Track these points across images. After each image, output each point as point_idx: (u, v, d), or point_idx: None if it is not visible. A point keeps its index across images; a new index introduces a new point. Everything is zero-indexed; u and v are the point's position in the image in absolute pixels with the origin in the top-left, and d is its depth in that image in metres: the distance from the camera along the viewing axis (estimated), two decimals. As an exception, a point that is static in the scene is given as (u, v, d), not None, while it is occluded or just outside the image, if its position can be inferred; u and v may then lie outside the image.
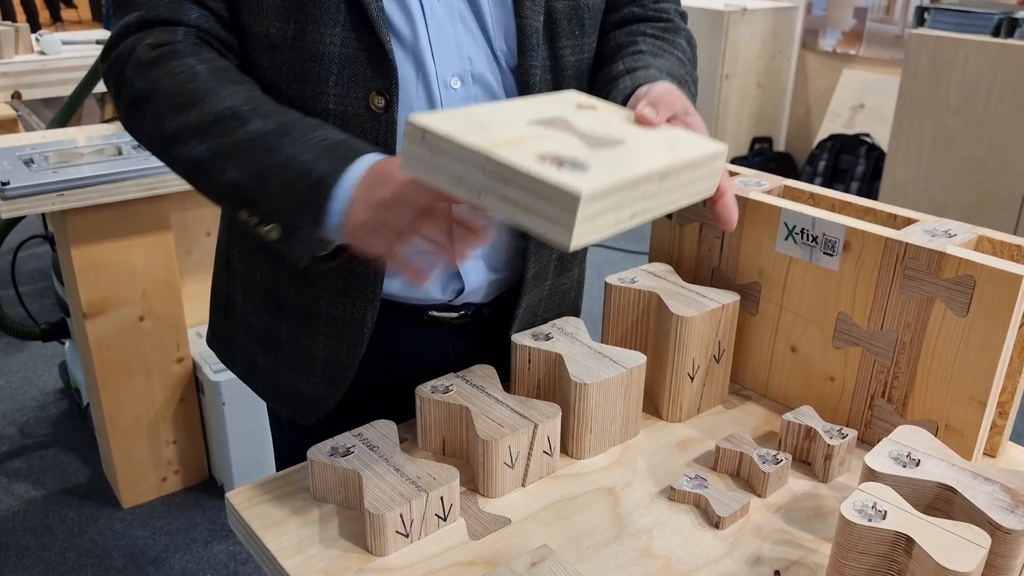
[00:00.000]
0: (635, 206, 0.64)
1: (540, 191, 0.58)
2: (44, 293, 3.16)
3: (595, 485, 0.85)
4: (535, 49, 0.87)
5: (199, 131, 0.77)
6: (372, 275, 0.89)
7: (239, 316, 1.01)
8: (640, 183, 0.63)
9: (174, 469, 2.11)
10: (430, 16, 0.83)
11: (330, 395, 0.96)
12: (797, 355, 0.96)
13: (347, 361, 0.94)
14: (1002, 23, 3.10)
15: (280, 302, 0.95)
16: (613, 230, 0.63)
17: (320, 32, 0.80)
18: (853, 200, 0.97)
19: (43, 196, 1.67)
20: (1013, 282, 0.78)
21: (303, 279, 0.92)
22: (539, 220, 0.59)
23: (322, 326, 0.93)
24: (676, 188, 0.69)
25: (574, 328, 0.95)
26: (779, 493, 0.85)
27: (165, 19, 0.81)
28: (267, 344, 0.98)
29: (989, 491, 0.72)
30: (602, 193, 0.58)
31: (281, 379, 0.98)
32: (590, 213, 0.58)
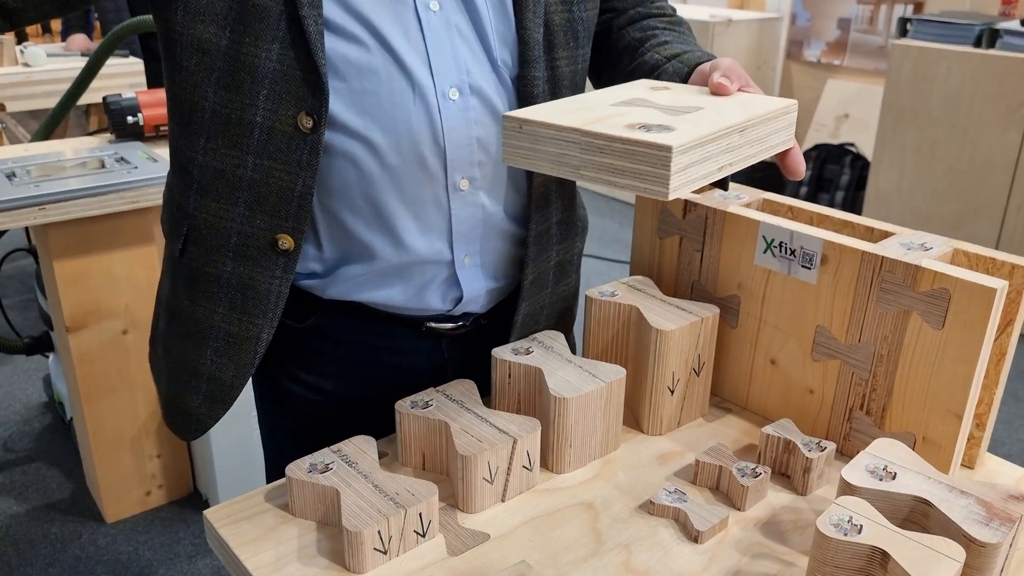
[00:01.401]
0: (721, 159, 0.72)
1: (635, 153, 0.66)
2: (28, 306, 3.14)
3: (575, 500, 0.85)
4: (537, 60, 0.88)
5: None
6: (275, 293, 0.88)
7: (154, 320, 1.01)
8: (723, 137, 0.71)
9: (158, 483, 2.10)
10: (427, 29, 0.84)
11: (210, 415, 0.94)
12: (777, 368, 0.97)
13: (232, 381, 0.91)
14: (983, 34, 3.13)
15: (175, 312, 0.93)
16: (705, 181, 0.71)
17: (257, 45, 0.79)
18: (831, 213, 0.98)
19: (25, 210, 1.66)
20: (987, 295, 0.79)
21: (198, 291, 0.90)
22: (637, 180, 0.67)
23: (211, 341, 0.91)
24: (756, 140, 0.77)
25: (554, 342, 0.95)
26: (758, 506, 0.85)
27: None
28: (165, 353, 0.97)
29: (964, 504, 0.72)
30: (689, 146, 0.66)
31: (170, 390, 0.97)
32: (682, 165, 0.66)
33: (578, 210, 1.04)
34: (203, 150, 0.84)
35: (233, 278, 0.88)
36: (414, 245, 0.90)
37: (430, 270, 0.92)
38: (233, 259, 0.87)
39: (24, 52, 2.93)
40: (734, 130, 0.73)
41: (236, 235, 0.86)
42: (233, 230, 0.86)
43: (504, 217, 0.94)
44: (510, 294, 1.00)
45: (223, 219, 0.86)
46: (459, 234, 0.91)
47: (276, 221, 0.85)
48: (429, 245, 0.90)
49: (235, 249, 0.87)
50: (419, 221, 0.89)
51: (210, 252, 0.88)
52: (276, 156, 0.82)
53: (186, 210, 0.89)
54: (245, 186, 0.84)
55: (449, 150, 0.86)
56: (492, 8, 0.86)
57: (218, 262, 0.88)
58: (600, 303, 0.98)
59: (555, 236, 0.99)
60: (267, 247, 0.86)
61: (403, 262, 0.91)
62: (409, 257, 0.91)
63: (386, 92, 0.83)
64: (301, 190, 0.83)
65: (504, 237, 0.95)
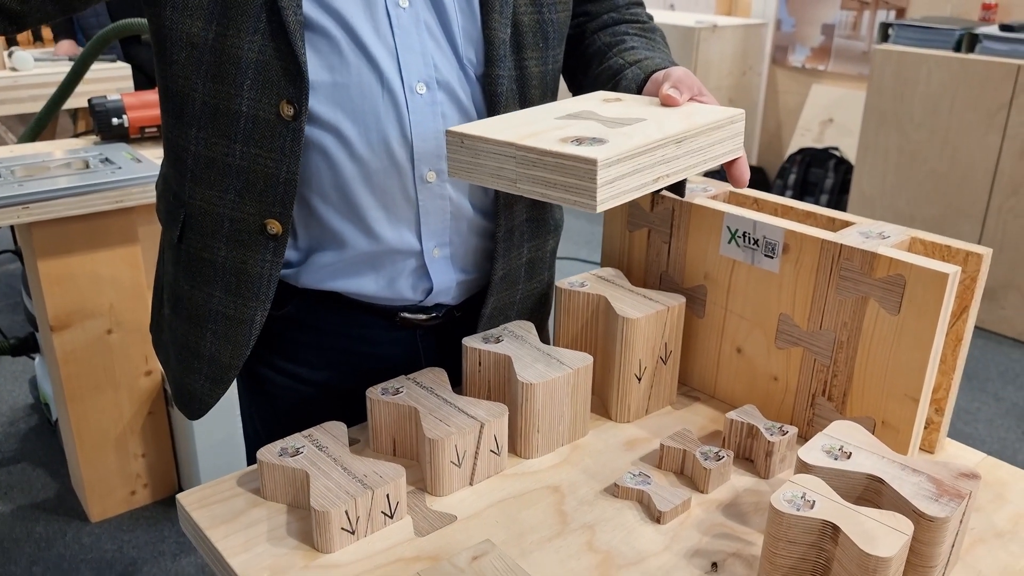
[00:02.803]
0: (656, 170, 0.73)
1: (564, 167, 0.67)
2: (14, 309, 3.15)
3: (541, 483, 0.87)
4: (502, 60, 0.90)
5: None
6: (267, 276, 0.91)
7: (157, 306, 1.05)
8: (656, 149, 0.72)
9: (143, 482, 2.11)
10: (396, 25, 0.86)
11: (211, 394, 0.98)
12: (742, 356, 0.99)
13: (230, 361, 0.95)
14: (962, 39, 3.17)
15: (177, 297, 0.97)
16: (640, 192, 0.73)
17: (240, 37, 0.82)
18: (795, 204, 1.00)
19: (8, 209, 1.67)
20: (940, 280, 0.81)
21: (196, 275, 0.94)
22: (568, 193, 0.68)
23: (210, 324, 0.95)
24: (697, 151, 0.78)
25: (524, 331, 0.97)
26: (721, 489, 0.87)
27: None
28: (172, 337, 1.01)
29: (916, 481, 0.74)
30: (617, 159, 0.67)
31: (175, 372, 1.02)
32: (609, 177, 0.67)
33: (552, 209, 1.06)
34: (195, 140, 0.88)
35: (227, 263, 0.91)
36: (384, 235, 0.92)
37: (400, 260, 0.94)
38: (226, 244, 0.91)
39: (12, 57, 2.94)
40: (670, 142, 0.74)
41: (228, 221, 0.90)
42: (225, 216, 0.89)
43: (472, 211, 0.96)
44: (483, 287, 1.01)
45: (216, 205, 0.90)
46: (427, 225, 0.93)
47: (264, 207, 0.88)
48: (398, 235, 0.92)
49: (228, 235, 0.90)
50: (388, 212, 0.91)
51: (205, 238, 0.91)
52: (261, 144, 0.85)
53: (182, 198, 0.93)
54: (234, 173, 0.87)
55: (416, 143, 0.88)
56: (459, 7, 0.88)
57: (213, 247, 0.91)
58: (569, 293, 1.00)
59: (525, 233, 1.00)
60: (257, 232, 0.89)
61: (374, 251, 0.93)
62: (379, 247, 0.93)
63: (355, 85, 0.85)
64: (286, 176, 0.86)
65: (473, 231, 0.97)
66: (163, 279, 1.03)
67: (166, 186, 0.98)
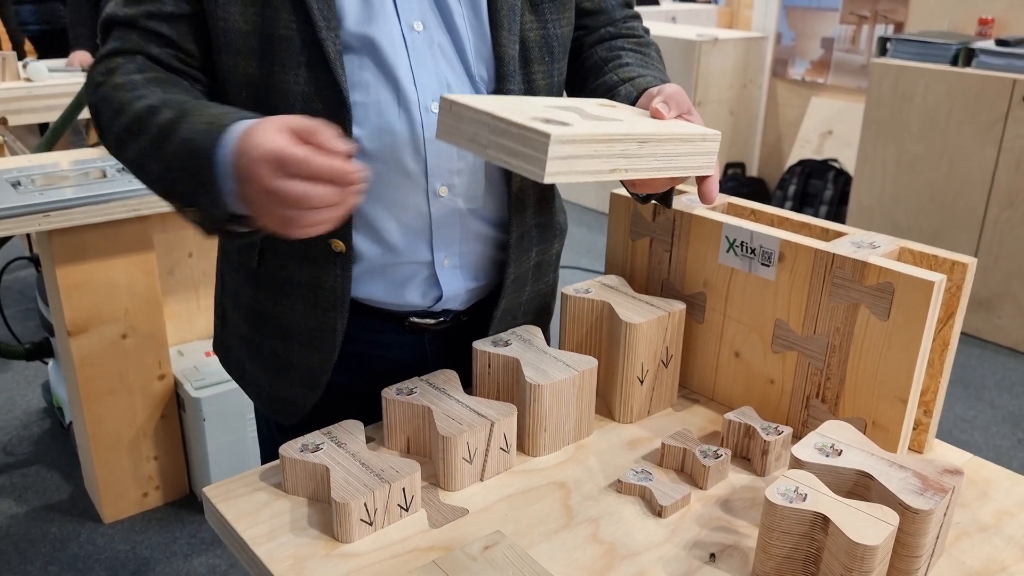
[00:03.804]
0: (615, 161, 0.78)
1: (524, 137, 0.73)
2: (27, 315, 3.20)
3: (548, 479, 0.91)
4: (512, 75, 0.94)
5: (130, 132, 0.85)
6: (340, 289, 0.96)
7: (231, 326, 1.09)
8: (616, 141, 0.77)
9: (155, 484, 2.15)
10: (411, 48, 0.91)
11: (307, 398, 1.03)
12: (740, 360, 1.03)
13: (321, 366, 1.00)
14: (959, 53, 3.22)
15: (260, 315, 1.02)
16: (593, 177, 0.77)
17: (285, 72, 0.88)
18: (790, 215, 1.05)
19: (30, 217, 1.72)
20: (927, 288, 0.86)
21: (279, 294, 0.99)
22: (524, 161, 0.73)
23: (297, 336, 1.00)
24: (663, 156, 0.82)
25: (531, 335, 1.02)
26: (720, 486, 0.91)
27: (130, 50, 0.89)
28: (252, 352, 1.06)
29: (902, 477, 0.78)
30: (572, 139, 0.72)
31: (264, 383, 1.06)
32: (563, 154, 0.72)
33: (557, 214, 1.11)
34: None
35: (304, 280, 0.97)
36: (397, 246, 0.97)
37: (410, 269, 0.99)
38: (300, 264, 0.97)
39: (26, 67, 3.00)
40: (632, 139, 0.78)
41: (298, 242, 0.94)
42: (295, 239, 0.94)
43: (482, 222, 1.01)
44: (490, 292, 1.06)
45: None
46: (439, 237, 0.98)
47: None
48: (411, 247, 0.98)
49: (300, 255, 0.96)
50: (402, 224, 0.96)
51: (281, 259, 0.98)
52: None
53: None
54: None
55: (430, 159, 0.93)
56: (470, 27, 0.93)
57: (290, 267, 0.97)
58: (575, 299, 1.05)
59: (534, 238, 1.05)
60: (323, 251, 0.95)
61: (386, 262, 0.98)
62: (392, 258, 0.98)
63: (374, 104, 0.90)
64: None
65: (482, 240, 1.02)
66: (232, 302, 1.07)
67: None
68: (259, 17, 0.87)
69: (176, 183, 0.82)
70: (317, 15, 0.86)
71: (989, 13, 3.53)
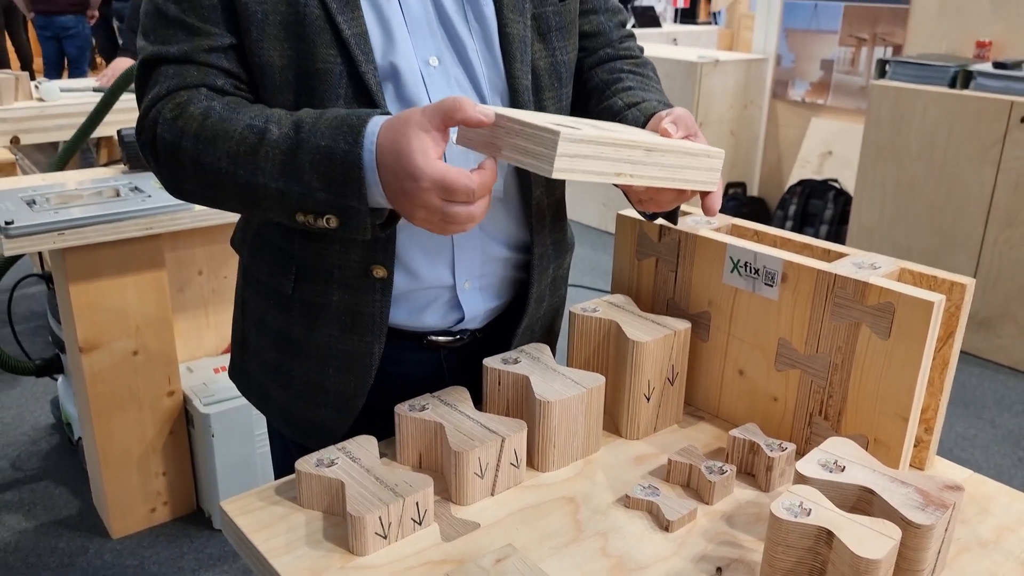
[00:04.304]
0: (620, 165, 0.82)
1: (536, 136, 0.78)
2: (36, 332, 3.22)
3: (558, 494, 0.93)
4: (526, 104, 0.98)
5: (230, 157, 0.85)
6: (378, 314, 0.99)
7: (253, 351, 1.10)
8: (623, 147, 0.81)
9: (163, 500, 2.17)
10: (429, 82, 0.94)
11: (341, 422, 1.05)
12: (744, 378, 1.05)
13: (356, 391, 1.03)
14: (957, 75, 3.26)
15: (292, 340, 1.03)
16: (599, 178, 0.81)
17: (325, 104, 0.90)
18: (792, 237, 1.08)
19: (45, 235, 1.75)
20: (927, 308, 0.88)
21: (314, 320, 1.01)
22: (534, 159, 0.78)
23: (332, 361, 1.02)
24: (667, 166, 0.87)
25: (540, 353, 1.04)
26: (725, 501, 0.93)
27: (191, 84, 0.90)
28: (280, 377, 1.07)
29: (904, 492, 0.81)
30: (579, 140, 0.77)
31: (294, 409, 1.07)
32: (571, 152, 0.77)
33: (567, 229, 1.14)
34: None
35: (341, 305, 0.99)
36: (421, 272, 1.00)
37: (432, 294, 1.02)
38: (338, 289, 0.98)
39: (39, 87, 3.04)
40: (639, 147, 0.83)
41: (337, 269, 0.98)
42: (334, 264, 0.97)
43: (501, 245, 1.03)
44: (506, 309, 1.09)
45: (325, 257, 0.97)
46: (461, 262, 1.01)
47: (368, 254, 0.96)
48: (433, 272, 1.00)
49: (338, 281, 0.98)
50: (425, 251, 0.99)
51: (318, 285, 0.99)
52: None
53: (292, 253, 1.00)
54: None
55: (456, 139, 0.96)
56: (484, 61, 0.96)
57: (326, 293, 0.99)
58: (583, 318, 1.07)
59: (551, 255, 1.08)
60: (363, 276, 0.97)
61: (409, 288, 1.01)
62: (416, 284, 1.01)
63: None
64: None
65: (501, 262, 1.05)
66: (255, 328, 1.08)
67: (264, 243, 1.04)
68: (294, 52, 0.89)
69: (312, 193, 0.83)
70: (356, 49, 0.89)
71: (986, 36, 3.58)
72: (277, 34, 0.89)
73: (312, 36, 0.89)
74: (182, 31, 0.90)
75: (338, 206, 0.82)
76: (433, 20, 0.94)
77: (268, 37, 0.89)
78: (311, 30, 0.88)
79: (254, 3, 0.88)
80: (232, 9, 0.89)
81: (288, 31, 0.89)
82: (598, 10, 1.08)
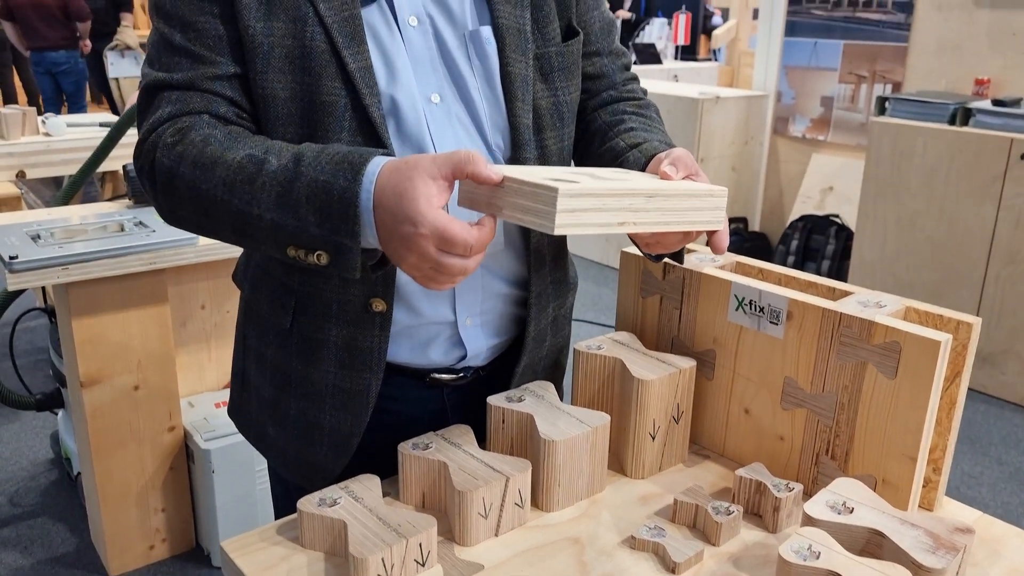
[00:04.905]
0: (623, 215, 0.82)
1: (535, 194, 0.77)
2: (38, 366, 3.22)
3: (563, 535, 0.92)
4: (527, 143, 0.98)
5: (227, 186, 0.85)
6: (377, 349, 0.98)
7: (252, 388, 1.09)
8: (624, 196, 0.81)
9: (161, 537, 2.14)
10: (431, 119, 0.95)
11: (336, 463, 1.04)
12: (750, 417, 1.05)
13: (352, 430, 1.02)
14: (957, 112, 3.29)
15: (288, 377, 1.03)
16: (602, 230, 0.81)
17: (328, 136, 0.91)
18: (797, 275, 1.08)
19: (49, 270, 1.76)
20: (933, 347, 0.88)
21: (312, 355, 1.00)
22: (536, 217, 0.77)
23: (328, 398, 1.01)
24: (670, 210, 0.86)
25: (544, 391, 1.04)
26: (732, 542, 0.92)
27: (194, 111, 0.91)
28: (276, 415, 1.06)
29: (914, 535, 0.80)
30: (578, 194, 0.77)
31: (290, 448, 1.06)
32: (570, 207, 0.77)
33: (569, 268, 1.14)
34: None
35: (339, 340, 0.98)
36: (423, 310, 1.00)
37: (434, 330, 1.02)
38: (336, 324, 0.98)
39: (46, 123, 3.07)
40: (639, 194, 0.83)
41: (336, 303, 0.97)
42: (333, 299, 0.97)
43: (502, 281, 1.03)
44: (509, 346, 1.08)
45: (324, 291, 0.97)
46: (462, 299, 1.01)
47: (367, 288, 0.96)
48: (435, 309, 1.00)
49: (336, 315, 0.97)
50: (426, 289, 0.98)
51: (317, 319, 0.99)
52: None
53: (291, 287, 1.00)
54: None
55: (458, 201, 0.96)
56: (485, 99, 0.97)
57: (324, 328, 0.98)
58: (587, 356, 1.07)
59: (551, 294, 1.08)
60: (362, 311, 0.97)
61: (410, 323, 1.01)
62: (417, 320, 1.00)
63: None
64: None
65: (502, 298, 1.05)
66: (256, 365, 1.07)
67: (265, 277, 1.04)
68: (298, 84, 0.90)
69: (306, 227, 0.82)
70: (360, 82, 0.90)
71: (985, 74, 3.61)
72: (282, 67, 0.90)
73: (318, 69, 0.90)
74: (187, 59, 0.91)
75: (331, 243, 0.81)
76: (436, 57, 0.95)
77: (273, 69, 0.90)
78: (317, 63, 0.89)
79: (261, 35, 0.89)
80: (238, 40, 0.90)
81: (293, 64, 0.90)
82: (601, 52, 1.09)
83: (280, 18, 0.90)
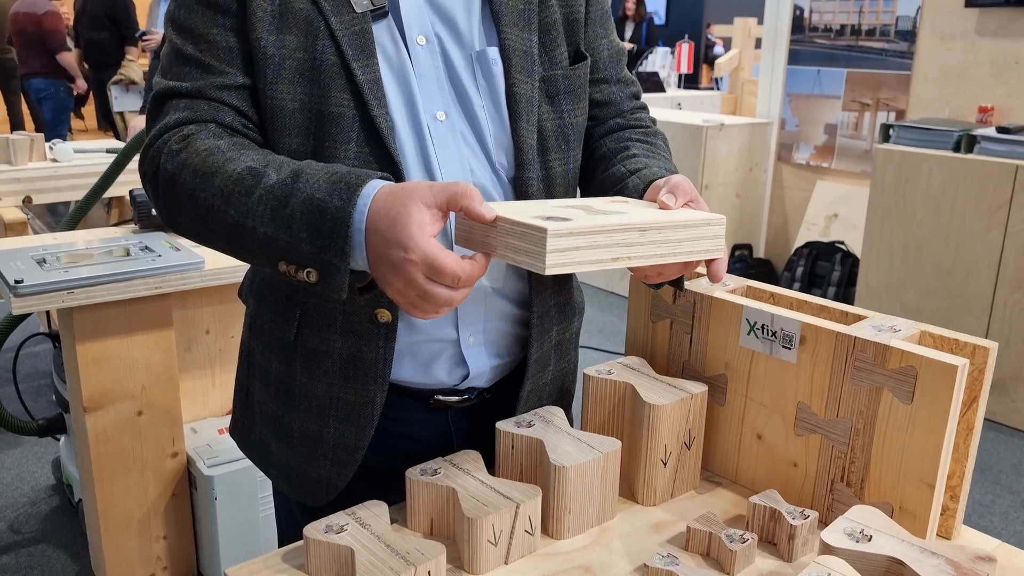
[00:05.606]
0: (616, 251, 0.81)
1: (525, 234, 0.77)
2: (40, 391, 3.20)
3: (574, 563, 0.90)
4: (531, 163, 0.98)
5: (224, 196, 0.86)
6: (381, 361, 0.97)
7: (256, 405, 1.08)
8: (616, 231, 0.80)
9: (163, 565, 2.11)
10: (435, 136, 0.95)
11: (339, 477, 1.03)
12: (763, 442, 1.03)
13: (356, 443, 1.01)
14: (961, 140, 3.30)
15: (292, 391, 1.02)
16: (596, 266, 0.80)
17: (336, 148, 0.91)
18: (809, 299, 1.07)
19: (54, 294, 1.75)
20: (950, 372, 0.86)
21: (316, 368, 1.00)
22: (527, 257, 0.77)
23: (332, 411, 1.00)
24: (665, 242, 0.84)
25: (554, 416, 1.02)
26: (747, 571, 0.90)
27: (201, 119, 0.92)
28: (280, 431, 1.05)
29: (935, 564, 0.78)
30: (569, 232, 0.76)
31: (292, 464, 1.05)
32: (561, 247, 0.76)
33: (575, 292, 1.13)
34: None
35: (344, 352, 0.98)
36: (425, 327, 0.99)
37: (436, 347, 1.01)
38: (341, 335, 0.97)
39: (53, 148, 3.09)
40: (632, 228, 0.81)
41: (341, 314, 0.97)
42: (338, 310, 0.97)
43: (504, 300, 1.03)
44: (513, 370, 1.07)
45: (328, 301, 0.97)
46: (464, 317, 1.00)
47: (373, 298, 0.94)
48: (437, 327, 0.99)
49: (342, 327, 0.97)
50: None
51: (321, 331, 0.98)
52: None
53: (296, 299, 1.00)
54: None
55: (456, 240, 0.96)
56: (490, 118, 0.97)
57: (329, 340, 0.98)
58: (597, 380, 1.05)
59: (555, 317, 1.07)
60: (368, 322, 0.96)
61: (412, 340, 1.00)
62: (420, 337, 0.99)
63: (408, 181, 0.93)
64: None
65: (505, 318, 1.04)
66: (260, 380, 1.07)
67: (270, 291, 1.03)
68: (307, 96, 0.91)
69: (298, 244, 0.82)
70: (369, 94, 0.90)
71: (988, 101, 3.62)
72: (292, 78, 0.91)
73: (327, 81, 0.90)
74: (197, 68, 0.92)
75: (319, 261, 0.82)
76: (442, 76, 0.96)
77: (283, 81, 0.91)
78: (326, 75, 0.90)
79: (272, 47, 0.90)
80: (248, 53, 0.92)
81: (303, 76, 0.91)
82: (610, 80, 1.09)
83: (292, 32, 0.91)
